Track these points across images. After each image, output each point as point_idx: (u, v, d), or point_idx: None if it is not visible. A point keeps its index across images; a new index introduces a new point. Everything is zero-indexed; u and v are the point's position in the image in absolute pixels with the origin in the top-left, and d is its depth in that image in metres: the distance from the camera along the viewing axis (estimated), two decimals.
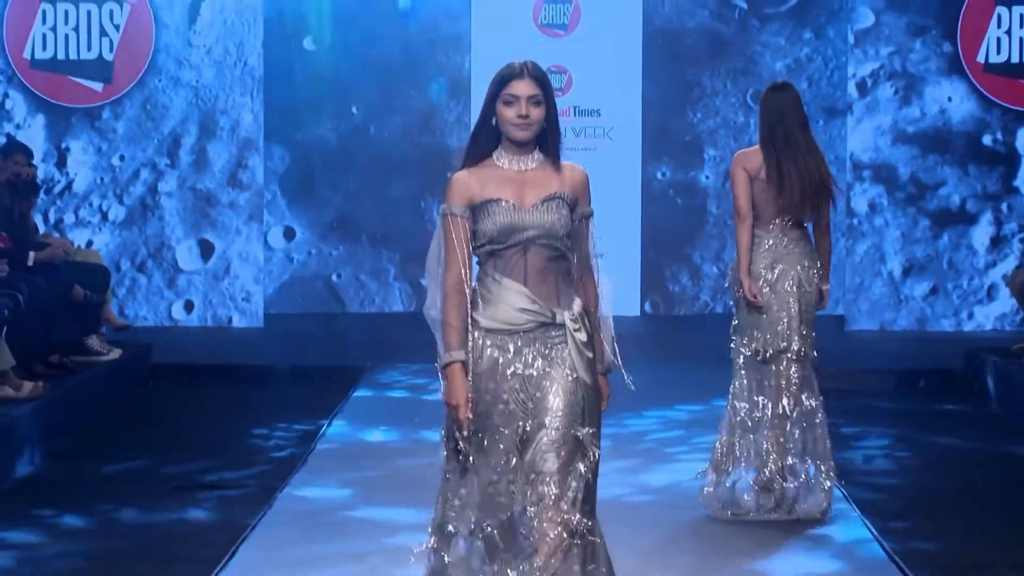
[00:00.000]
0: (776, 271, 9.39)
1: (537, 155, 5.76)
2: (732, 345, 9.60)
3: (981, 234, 17.17)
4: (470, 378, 5.77)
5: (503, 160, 5.77)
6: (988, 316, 17.23)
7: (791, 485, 9.61)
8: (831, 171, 9.88)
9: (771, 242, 9.42)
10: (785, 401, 9.52)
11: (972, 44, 17.24)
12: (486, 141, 5.79)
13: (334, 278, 18.63)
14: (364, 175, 18.48)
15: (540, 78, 5.72)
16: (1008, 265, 17.07)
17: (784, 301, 9.31)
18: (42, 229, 15.03)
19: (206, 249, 17.52)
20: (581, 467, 5.71)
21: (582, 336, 5.78)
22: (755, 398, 9.53)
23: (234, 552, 9.03)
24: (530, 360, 5.74)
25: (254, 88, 17.31)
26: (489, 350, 5.77)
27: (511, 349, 5.76)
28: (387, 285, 18.65)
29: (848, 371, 14.92)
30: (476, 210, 5.69)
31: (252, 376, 15.17)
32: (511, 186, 5.70)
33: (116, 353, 14.15)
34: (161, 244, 17.43)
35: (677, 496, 9.66)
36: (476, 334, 5.79)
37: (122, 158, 17.38)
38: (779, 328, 9.27)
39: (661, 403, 12.50)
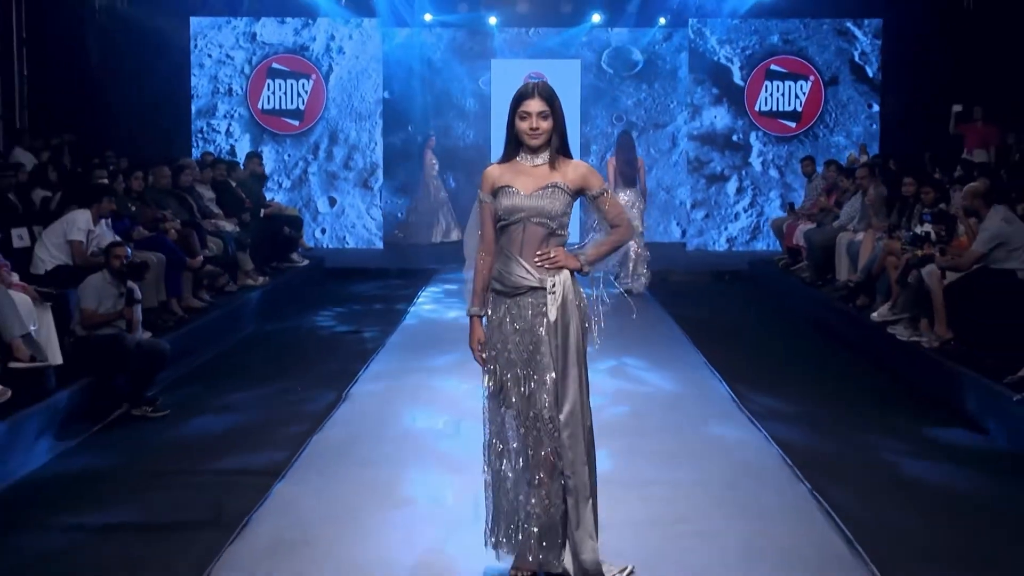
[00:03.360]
0: (628, 204, 12.25)
1: (546, 155, 4.76)
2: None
3: (731, 188, 17.85)
4: (486, 329, 4.86)
5: (523, 158, 4.79)
6: (734, 230, 17.84)
7: (627, 281, 12.38)
8: (644, 164, 12.94)
9: (623, 193, 12.28)
10: (634, 247, 12.29)
11: (752, 99, 17.71)
12: (514, 145, 4.81)
13: (399, 216, 18.84)
14: (414, 162, 18.66)
15: (547, 96, 4.75)
16: (745, 203, 17.83)
17: (632, 212, 12.17)
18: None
19: (332, 202, 18.00)
20: (567, 407, 4.69)
21: (566, 297, 4.72)
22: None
23: (369, 363, 9.52)
24: (526, 316, 4.73)
25: (358, 118, 17.84)
26: (499, 308, 4.80)
27: (513, 307, 4.75)
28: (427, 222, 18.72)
29: (680, 270, 15.47)
30: (495, 194, 4.77)
31: (378, 272, 15.45)
32: (521, 177, 4.75)
33: (306, 262, 14.68)
34: (309, 199, 17.89)
35: None
36: (493, 296, 4.83)
37: (288, 155, 17.87)
38: (633, 223, 11.85)
39: None
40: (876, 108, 17.87)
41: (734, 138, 17.96)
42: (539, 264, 4.76)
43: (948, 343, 8.68)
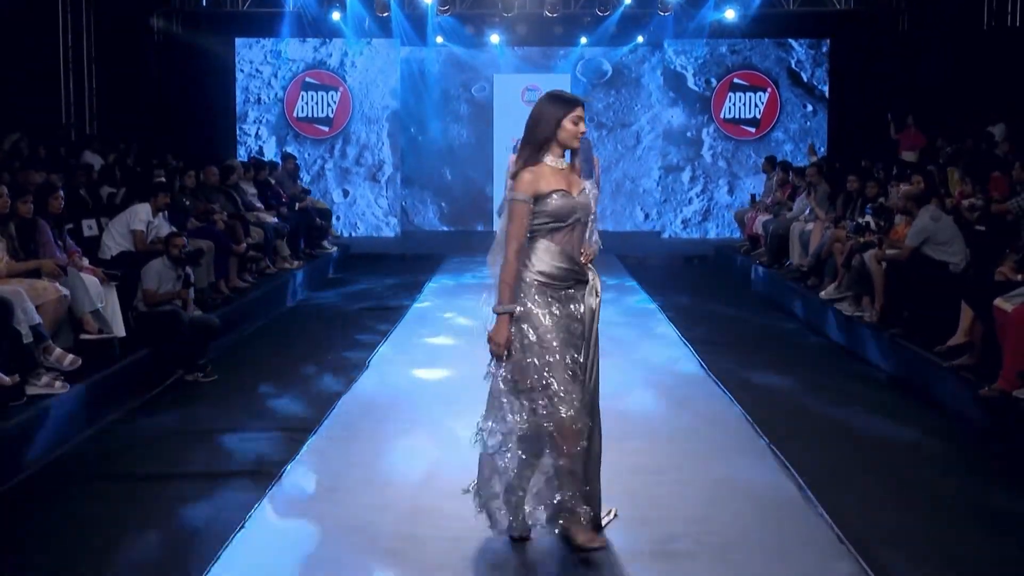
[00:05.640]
0: (589, 191, 12.15)
1: (564, 157, 4.38)
2: None
3: (685, 177, 17.70)
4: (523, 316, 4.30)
5: (549, 159, 4.32)
6: (688, 212, 17.69)
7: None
8: (599, 162, 12.40)
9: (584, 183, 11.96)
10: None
11: (718, 108, 17.54)
12: (538, 147, 4.32)
13: (404, 204, 18.49)
14: (418, 159, 18.51)
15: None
16: (698, 189, 17.67)
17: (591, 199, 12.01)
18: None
19: (346, 193, 17.92)
20: (594, 385, 4.40)
21: (598, 286, 4.42)
22: None
23: (389, 334, 9.45)
24: (567, 305, 4.31)
25: (368, 122, 17.74)
26: (542, 296, 4.27)
27: (558, 296, 4.30)
28: (427, 208, 18.74)
29: (656, 255, 15.51)
30: (539, 198, 4.26)
31: (394, 257, 15.32)
32: (562, 180, 4.32)
33: (335, 248, 14.47)
34: (326, 191, 17.70)
35: None
36: (539, 287, 4.30)
37: (309, 154, 17.68)
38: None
39: None
40: (810, 108, 17.74)
41: (688, 134, 17.81)
42: (584, 261, 4.47)
43: (885, 317, 8.63)
